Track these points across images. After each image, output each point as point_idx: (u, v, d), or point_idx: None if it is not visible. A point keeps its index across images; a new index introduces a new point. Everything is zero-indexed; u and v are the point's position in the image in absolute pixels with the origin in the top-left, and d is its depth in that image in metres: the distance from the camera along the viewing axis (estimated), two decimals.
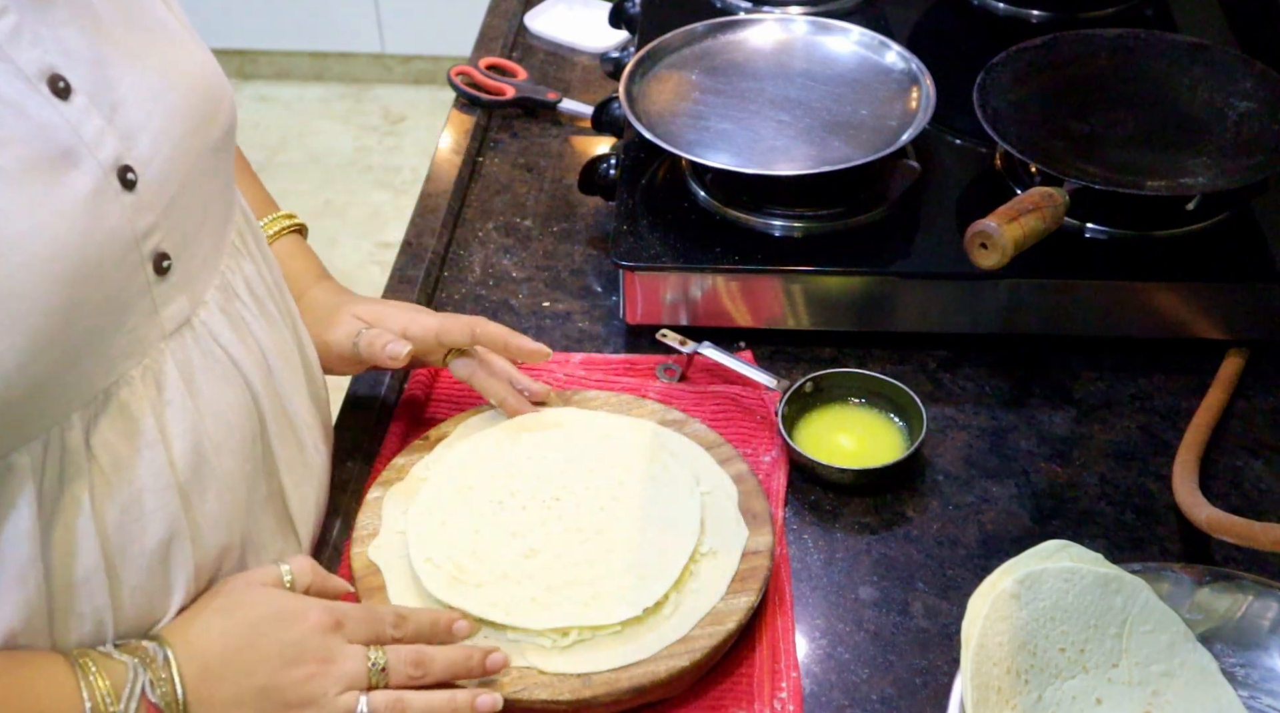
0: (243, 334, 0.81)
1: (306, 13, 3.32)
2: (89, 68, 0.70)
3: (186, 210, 0.75)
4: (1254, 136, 1.09)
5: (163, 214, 0.72)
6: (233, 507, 0.80)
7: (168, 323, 0.74)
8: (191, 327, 0.76)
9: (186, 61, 0.77)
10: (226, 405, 0.79)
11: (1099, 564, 0.80)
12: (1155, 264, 1.05)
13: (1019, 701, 0.75)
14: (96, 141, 0.68)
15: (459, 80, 1.40)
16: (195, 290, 0.77)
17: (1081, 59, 1.20)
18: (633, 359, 1.08)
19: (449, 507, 0.90)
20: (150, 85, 0.73)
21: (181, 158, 0.74)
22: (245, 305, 0.82)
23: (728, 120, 1.14)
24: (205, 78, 0.78)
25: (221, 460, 0.78)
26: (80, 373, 0.69)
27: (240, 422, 0.80)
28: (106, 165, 0.68)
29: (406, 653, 0.78)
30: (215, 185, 0.80)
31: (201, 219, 0.77)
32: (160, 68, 0.74)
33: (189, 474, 0.76)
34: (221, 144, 0.80)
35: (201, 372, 0.77)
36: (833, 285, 1.07)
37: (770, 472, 0.97)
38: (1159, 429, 1.01)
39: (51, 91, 0.67)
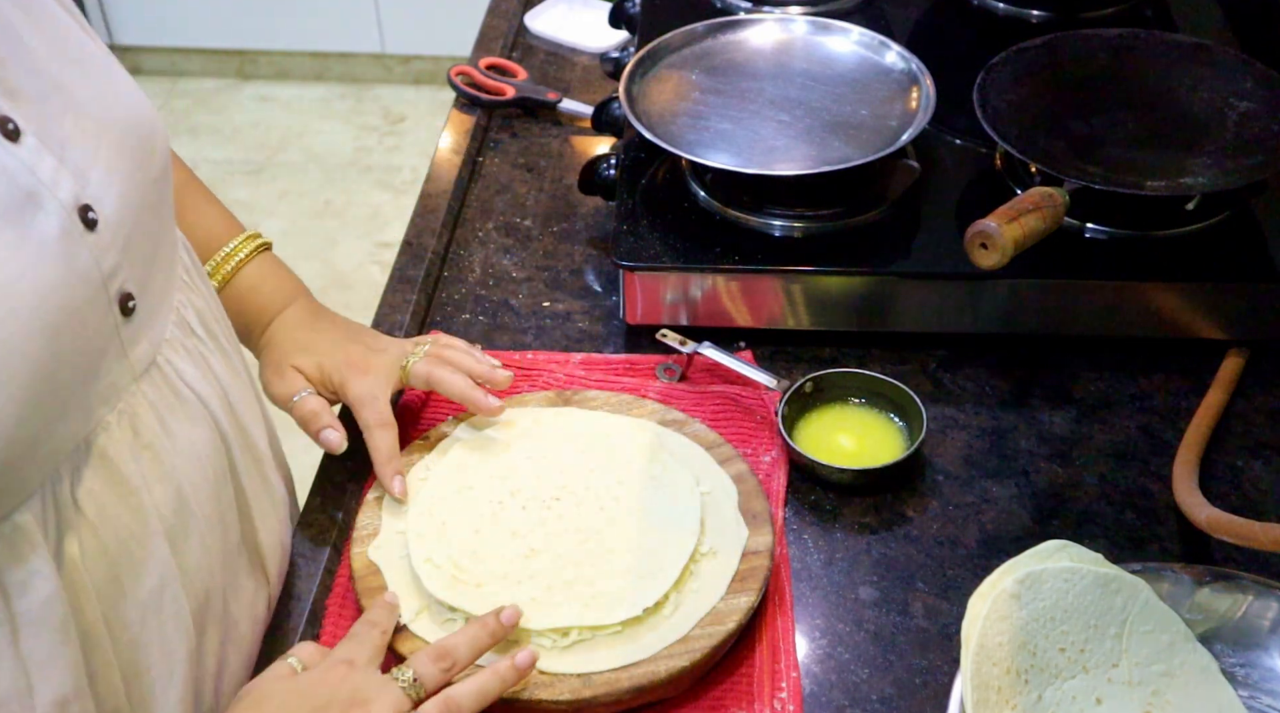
0: (204, 370, 0.80)
1: (306, 13, 3.33)
2: (31, 106, 0.67)
3: (141, 247, 0.73)
4: (1254, 136, 1.09)
5: (123, 252, 0.70)
6: (213, 548, 0.79)
7: (137, 364, 0.73)
8: (158, 366, 0.75)
9: (120, 94, 0.75)
10: (198, 446, 0.78)
11: (1099, 564, 0.80)
12: (1155, 264, 1.05)
13: (1019, 701, 0.75)
14: (54, 182, 0.66)
15: (459, 80, 1.40)
16: (156, 329, 0.75)
17: (1081, 59, 1.20)
18: (633, 359, 1.08)
19: (449, 507, 0.90)
20: (91, 121, 0.70)
21: (131, 192, 0.72)
22: (201, 340, 0.81)
23: (728, 120, 1.14)
24: (138, 109, 0.76)
25: (200, 503, 0.77)
26: (66, 424, 0.67)
27: (212, 461, 0.79)
28: (68, 205, 0.66)
29: (429, 654, 0.77)
30: (161, 218, 0.78)
31: (153, 254, 0.75)
32: (96, 102, 0.72)
33: (172, 519, 0.75)
34: (161, 175, 0.77)
35: (171, 412, 0.76)
36: (833, 285, 1.07)
37: (770, 472, 0.97)
38: (1159, 429, 1.01)
39: (2, 134, 0.64)
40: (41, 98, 0.68)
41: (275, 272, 1.01)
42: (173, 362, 0.77)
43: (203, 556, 0.78)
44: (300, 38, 3.40)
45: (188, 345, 0.79)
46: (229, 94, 3.50)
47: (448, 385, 0.96)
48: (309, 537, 0.94)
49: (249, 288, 0.99)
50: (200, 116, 3.39)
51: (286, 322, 0.99)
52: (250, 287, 0.99)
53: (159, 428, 0.74)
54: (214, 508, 0.80)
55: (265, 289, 0.99)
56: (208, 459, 0.79)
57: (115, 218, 0.70)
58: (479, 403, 0.96)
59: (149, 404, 0.73)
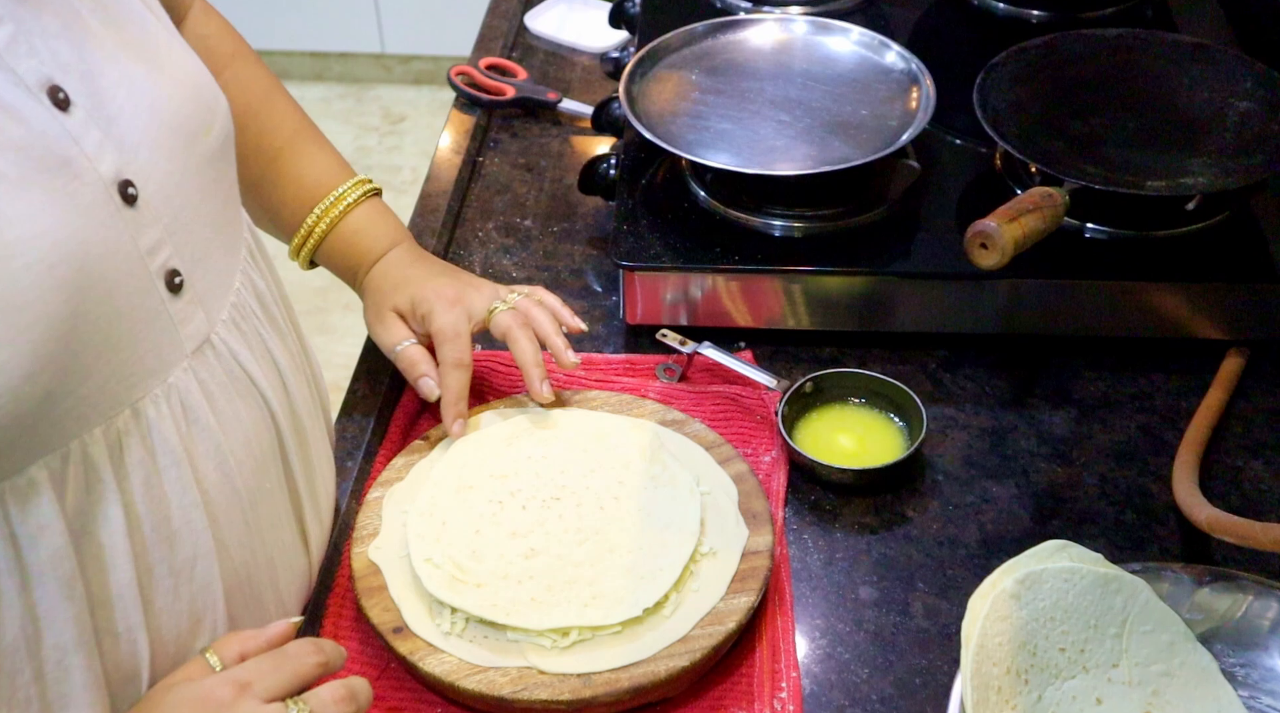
0: (259, 352, 0.81)
1: (306, 13, 3.33)
2: (83, 80, 0.69)
3: (194, 225, 0.74)
4: (1254, 136, 1.09)
5: (168, 230, 0.71)
6: (255, 525, 0.80)
7: (188, 342, 0.74)
8: (211, 345, 0.76)
9: (176, 71, 0.76)
10: (247, 425, 0.78)
11: (1099, 564, 0.80)
12: (1155, 264, 1.05)
13: (1019, 701, 0.75)
14: (97, 155, 0.67)
15: (459, 80, 1.40)
16: (211, 308, 0.76)
17: (1081, 59, 1.20)
18: (633, 359, 1.08)
19: (449, 507, 0.90)
20: (143, 98, 0.72)
21: (181, 171, 0.73)
22: (260, 322, 0.82)
23: (728, 120, 1.14)
24: (196, 87, 0.77)
25: (245, 479, 0.78)
26: (95, 386, 0.68)
27: (261, 440, 0.80)
28: (107, 179, 0.68)
29: (332, 691, 0.73)
30: (219, 198, 0.79)
31: (211, 234, 0.76)
32: (151, 79, 0.73)
33: (214, 493, 0.76)
34: (219, 153, 0.78)
35: (223, 391, 0.76)
36: (833, 285, 1.07)
37: (770, 472, 0.97)
38: (1159, 429, 1.01)
39: (52, 102, 0.66)
40: (95, 73, 0.69)
41: (382, 216, 1.03)
42: (228, 342, 0.77)
43: (244, 532, 0.79)
44: (300, 38, 3.40)
45: (245, 327, 0.79)
46: None
47: (518, 351, 0.96)
48: None
49: (353, 231, 1.01)
50: None
51: (388, 263, 1.01)
52: (355, 230, 1.01)
53: (207, 406, 0.75)
54: (258, 485, 0.80)
55: (371, 233, 1.02)
56: (256, 439, 0.79)
57: (161, 194, 0.71)
58: (533, 384, 0.96)
59: (199, 382, 0.74)
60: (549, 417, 0.98)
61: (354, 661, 0.85)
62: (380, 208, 1.04)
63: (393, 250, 1.02)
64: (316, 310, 2.73)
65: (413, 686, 0.84)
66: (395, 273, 1.01)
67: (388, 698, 0.83)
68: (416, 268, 1.01)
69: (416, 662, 0.81)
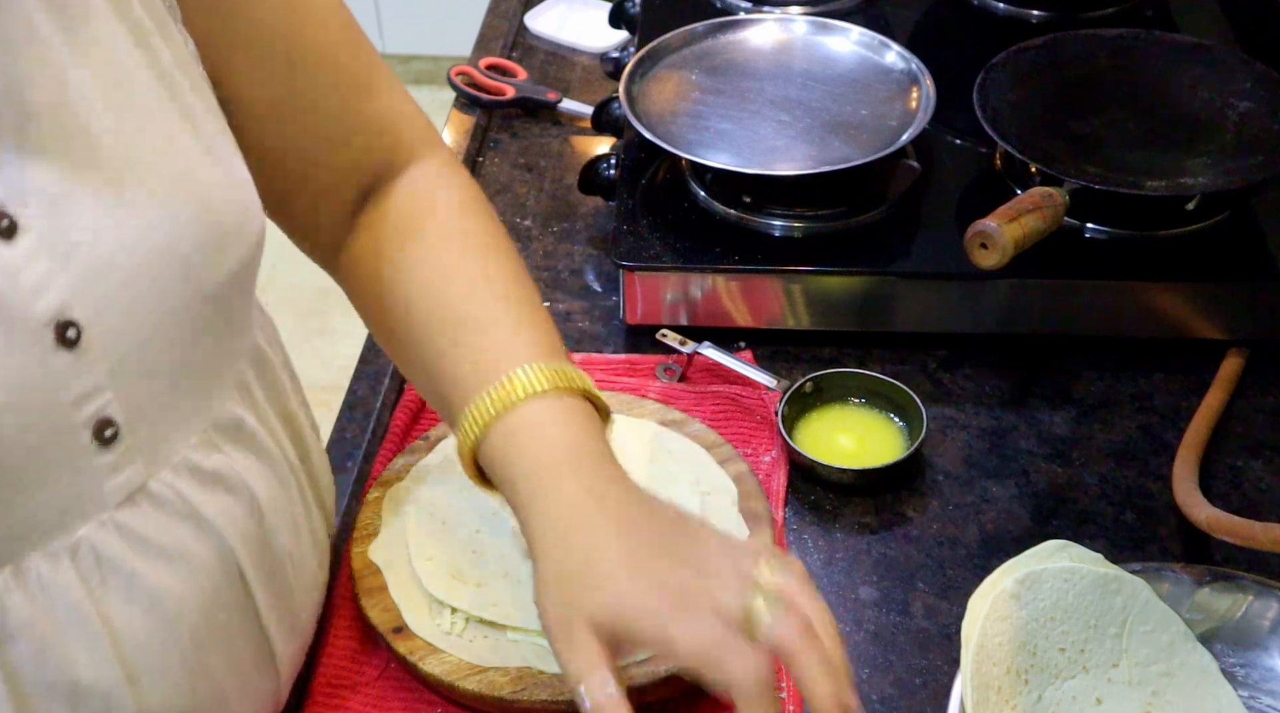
0: (225, 485, 0.68)
1: None
2: (49, 203, 0.58)
3: (152, 369, 0.62)
4: (1254, 136, 1.09)
5: (113, 375, 0.60)
6: (198, 661, 0.68)
7: (112, 495, 0.62)
8: (148, 493, 0.64)
9: (195, 186, 0.64)
10: (192, 562, 0.66)
11: (1099, 564, 0.80)
12: (1155, 264, 1.05)
13: (1019, 701, 0.75)
14: (35, 289, 0.57)
15: (459, 80, 1.40)
16: (156, 456, 0.64)
17: (1081, 59, 1.20)
18: (633, 359, 1.08)
19: (449, 506, 0.90)
20: (135, 218, 0.60)
21: (159, 305, 0.62)
22: (229, 456, 0.68)
23: (728, 120, 1.14)
24: (214, 208, 0.64)
25: (187, 618, 0.67)
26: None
27: (209, 573, 0.68)
28: (41, 319, 0.57)
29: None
30: (209, 336, 0.66)
31: (175, 378, 0.64)
32: (155, 197, 0.61)
33: (142, 639, 0.65)
34: (226, 294, 0.66)
35: (162, 534, 0.65)
36: (833, 285, 1.07)
37: (770, 472, 0.97)
38: (1159, 429, 1.01)
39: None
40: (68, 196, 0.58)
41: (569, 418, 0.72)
42: (175, 485, 0.65)
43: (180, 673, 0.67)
44: None
45: (206, 464, 0.67)
46: None
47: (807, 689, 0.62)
48: None
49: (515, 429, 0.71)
50: None
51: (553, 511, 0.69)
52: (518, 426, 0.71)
53: (133, 555, 0.63)
54: (208, 621, 0.68)
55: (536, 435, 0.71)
56: (204, 574, 0.67)
57: (111, 338, 0.60)
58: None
59: (120, 533, 0.63)
60: None
61: (354, 661, 0.85)
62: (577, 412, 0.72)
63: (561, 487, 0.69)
64: (317, 311, 2.73)
65: (413, 686, 0.84)
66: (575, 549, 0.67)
67: (388, 698, 0.83)
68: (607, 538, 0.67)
69: (416, 662, 0.81)
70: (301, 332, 2.69)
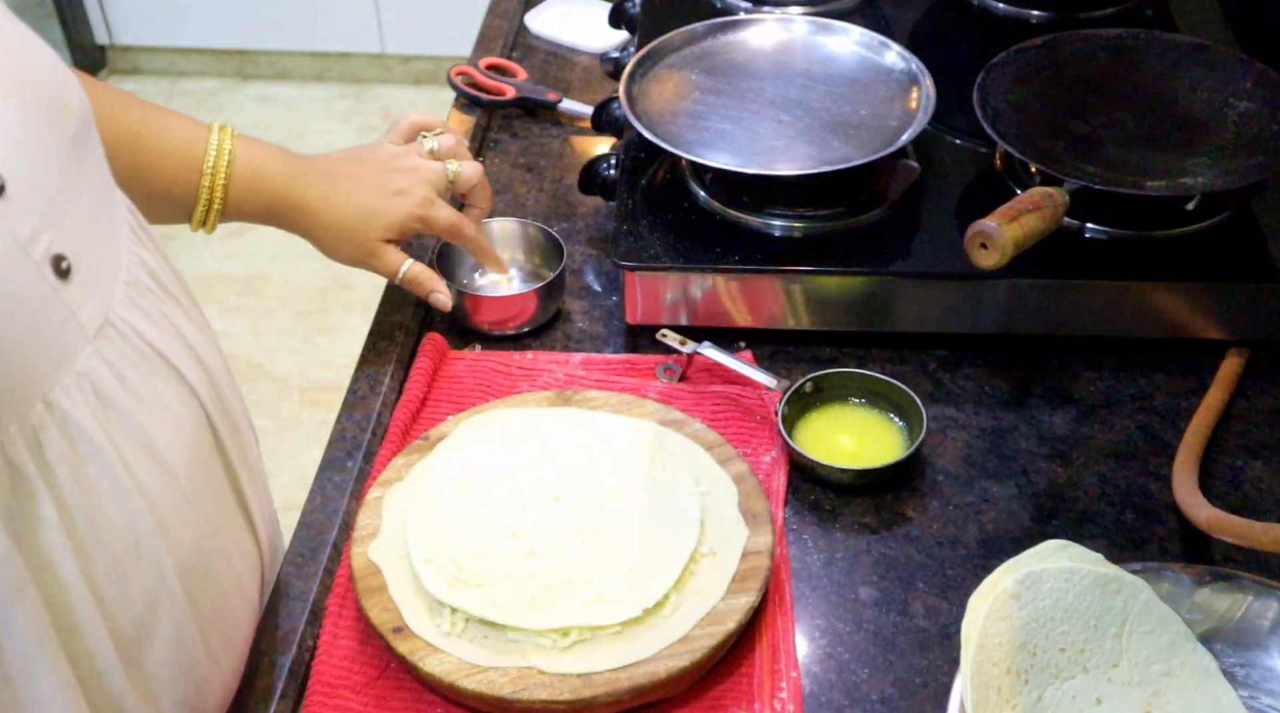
0: (165, 328, 0.80)
1: (306, 13, 3.33)
2: None
3: (70, 209, 0.73)
4: (1254, 136, 1.09)
5: (43, 216, 0.70)
6: (198, 504, 0.80)
7: (88, 325, 0.72)
8: (112, 325, 0.74)
9: (23, 53, 0.75)
10: (166, 399, 0.78)
11: (1099, 564, 0.80)
12: (1155, 264, 1.06)
13: (1019, 701, 0.75)
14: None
15: (459, 80, 1.40)
16: (104, 289, 0.75)
17: (1081, 59, 1.21)
18: (633, 359, 1.08)
19: (449, 507, 0.90)
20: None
21: (47, 155, 0.72)
22: (157, 297, 0.81)
23: (728, 120, 1.14)
24: (45, 72, 0.76)
25: (175, 456, 0.78)
26: (3, 384, 0.67)
27: (185, 415, 0.79)
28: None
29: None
30: (89, 180, 0.77)
31: (88, 215, 0.75)
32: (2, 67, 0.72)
33: (147, 477, 0.75)
34: (83, 131, 0.77)
35: (133, 369, 0.75)
36: (833, 285, 1.07)
37: (770, 472, 0.97)
38: (1159, 429, 1.01)
39: None
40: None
41: (258, 149, 1.05)
42: (129, 320, 0.76)
43: (186, 513, 0.78)
44: (300, 38, 3.40)
45: (143, 304, 0.78)
46: (229, 94, 3.50)
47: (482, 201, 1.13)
48: (309, 537, 0.94)
49: (252, 173, 1.03)
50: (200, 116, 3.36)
51: (312, 197, 1.05)
52: (253, 171, 1.03)
53: (120, 386, 0.74)
54: (195, 464, 0.80)
55: (268, 168, 1.04)
56: (182, 416, 0.79)
57: (30, 183, 0.70)
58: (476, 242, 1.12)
59: (106, 363, 0.73)
60: (550, 417, 0.98)
61: (354, 661, 0.85)
62: (252, 142, 1.05)
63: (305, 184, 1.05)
64: (316, 310, 2.73)
65: (413, 686, 0.84)
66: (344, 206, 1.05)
67: (388, 698, 0.83)
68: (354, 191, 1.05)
69: (416, 662, 0.81)
70: (301, 331, 2.69)
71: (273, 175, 1.03)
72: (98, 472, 0.72)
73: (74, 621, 0.72)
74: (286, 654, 0.86)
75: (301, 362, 2.60)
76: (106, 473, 0.72)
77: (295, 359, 2.62)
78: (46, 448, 0.69)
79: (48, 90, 0.75)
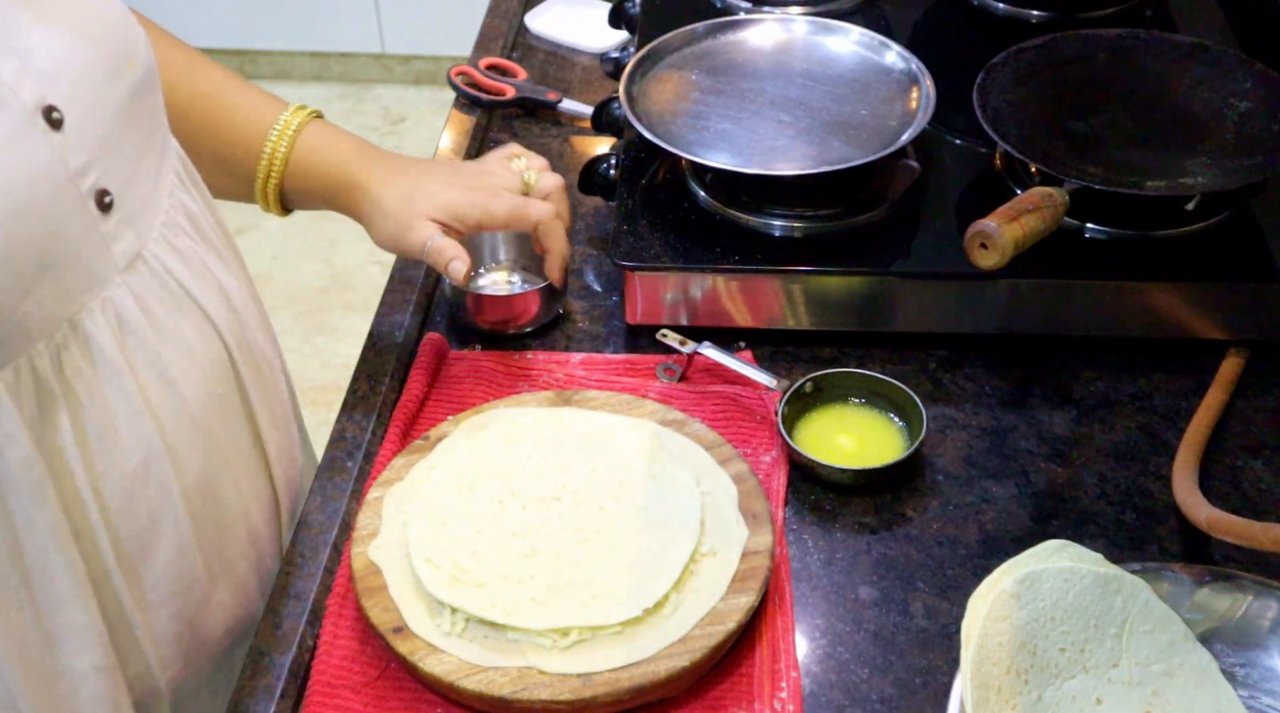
0: (197, 269, 0.85)
1: (306, 13, 3.33)
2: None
3: (121, 149, 0.79)
4: (1254, 136, 1.09)
5: (95, 153, 0.76)
6: (208, 431, 0.85)
7: (120, 258, 0.78)
8: (144, 260, 0.80)
9: (92, 8, 0.80)
10: (188, 335, 0.84)
11: (1099, 564, 0.80)
12: (1155, 264, 1.06)
13: (1019, 701, 0.75)
14: (15, 83, 0.71)
15: (459, 80, 1.40)
16: (141, 226, 0.80)
17: (1081, 59, 1.20)
18: (633, 359, 1.08)
19: (449, 507, 0.90)
20: (61, 35, 0.76)
21: (105, 99, 0.78)
22: (194, 241, 0.86)
23: (728, 120, 1.14)
24: (114, 26, 0.81)
25: (191, 387, 0.83)
26: (37, 303, 0.73)
27: (205, 351, 0.85)
28: (30, 105, 0.72)
29: None
30: (144, 127, 0.83)
31: (136, 159, 0.81)
32: (68, 20, 0.77)
33: (159, 400, 0.81)
34: (143, 87, 0.82)
35: (159, 304, 0.81)
36: (833, 285, 1.07)
37: (770, 472, 0.97)
38: (1159, 429, 1.01)
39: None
40: (6, 13, 0.73)
41: (333, 131, 1.03)
42: (161, 257, 0.82)
43: (195, 438, 0.84)
44: (300, 38, 3.40)
45: (179, 244, 0.84)
46: None
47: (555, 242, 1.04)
48: (309, 537, 0.94)
49: (312, 148, 1.01)
50: None
51: (374, 178, 1.01)
52: (314, 146, 1.01)
53: (144, 317, 0.80)
54: (206, 392, 0.85)
55: (334, 147, 1.02)
56: (199, 348, 0.85)
57: (86, 120, 0.75)
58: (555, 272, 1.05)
59: (134, 295, 0.79)
60: (550, 417, 0.98)
61: (354, 661, 0.85)
62: (331, 126, 1.04)
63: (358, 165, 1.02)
64: (317, 310, 2.73)
65: (413, 686, 0.84)
66: (400, 187, 1.00)
67: (388, 698, 0.83)
68: (419, 178, 1.01)
69: (416, 662, 0.81)
70: (301, 331, 2.69)
71: (336, 152, 1.02)
72: (113, 392, 0.78)
73: (85, 524, 0.77)
74: (286, 654, 0.86)
75: (301, 362, 2.60)
76: (121, 394, 0.78)
77: (295, 359, 2.62)
78: (66, 365, 0.75)
79: (117, 43, 0.80)
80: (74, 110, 0.74)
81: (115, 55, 0.80)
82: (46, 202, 0.72)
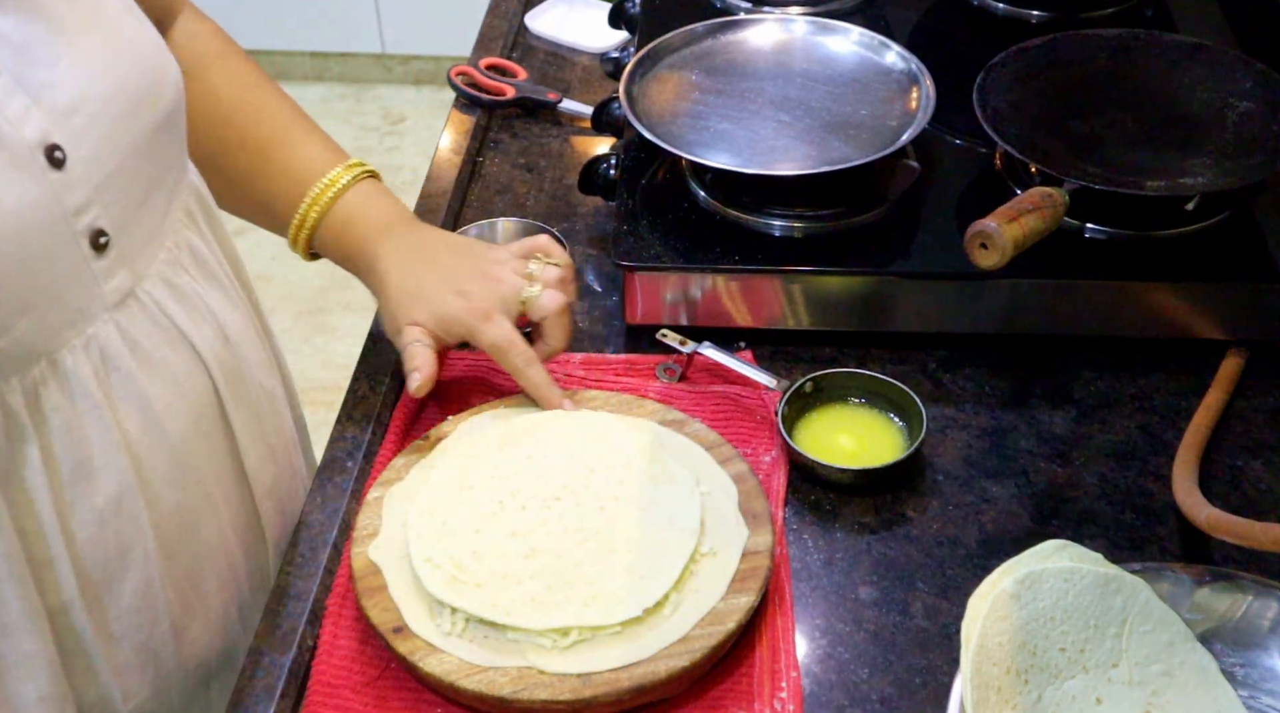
0: (192, 305, 0.85)
1: (306, 13, 3.33)
2: (14, 50, 0.72)
3: (126, 188, 0.78)
4: (1254, 136, 1.09)
5: (97, 191, 0.75)
6: (188, 465, 0.85)
7: (111, 295, 0.78)
8: (137, 298, 0.80)
9: (126, 42, 0.79)
10: (176, 371, 0.83)
11: (1099, 564, 0.80)
12: (1155, 264, 1.06)
13: (1019, 701, 0.75)
14: (20, 119, 0.71)
15: (459, 80, 1.40)
16: (138, 265, 0.80)
17: (1081, 59, 1.20)
18: (633, 359, 1.08)
19: (449, 507, 0.90)
20: (87, 66, 0.75)
21: (120, 137, 0.77)
22: (194, 277, 0.86)
23: (728, 120, 1.14)
24: (145, 58, 0.80)
25: (174, 422, 0.83)
26: (12, 341, 0.72)
27: (191, 386, 0.85)
28: (32, 143, 0.71)
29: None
30: (159, 164, 0.82)
31: (143, 197, 0.80)
32: (98, 49, 0.76)
33: (137, 434, 0.80)
34: (165, 123, 0.82)
35: (147, 338, 0.81)
36: (833, 285, 1.07)
37: (770, 472, 0.97)
38: (1159, 429, 1.01)
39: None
40: (30, 43, 0.73)
41: (375, 200, 1.01)
42: (155, 295, 0.82)
43: (172, 472, 0.84)
44: (300, 38, 3.40)
45: (178, 282, 0.84)
46: None
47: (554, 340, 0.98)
48: (309, 537, 0.94)
49: (345, 219, 0.99)
50: None
51: (389, 263, 0.98)
52: (346, 218, 0.99)
53: (129, 353, 0.79)
54: (193, 431, 0.85)
55: (364, 221, 0.99)
56: (185, 385, 0.84)
57: (92, 158, 0.74)
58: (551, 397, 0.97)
59: (120, 331, 0.79)
60: (549, 417, 0.98)
61: (354, 661, 0.85)
62: (375, 191, 1.01)
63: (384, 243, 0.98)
64: (317, 310, 2.73)
65: (413, 686, 0.84)
66: (406, 283, 0.97)
67: (388, 698, 0.83)
68: (423, 274, 0.98)
69: (416, 662, 0.81)
70: (301, 331, 2.69)
71: (365, 227, 0.99)
72: (90, 426, 0.77)
73: (44, 555, 0.77)
74: (286, 654, 0.86)
75: (301, 362, 2.60)
76: (99, 427, 0.78)
77: (295, 359, 2.60)
78: (44, 400, 0.75)
79: (143, 77, 0.80)
80: (82, 147, 0.74)
81: (140, 91, 0.79)
82: (34, 240, 0.71)
